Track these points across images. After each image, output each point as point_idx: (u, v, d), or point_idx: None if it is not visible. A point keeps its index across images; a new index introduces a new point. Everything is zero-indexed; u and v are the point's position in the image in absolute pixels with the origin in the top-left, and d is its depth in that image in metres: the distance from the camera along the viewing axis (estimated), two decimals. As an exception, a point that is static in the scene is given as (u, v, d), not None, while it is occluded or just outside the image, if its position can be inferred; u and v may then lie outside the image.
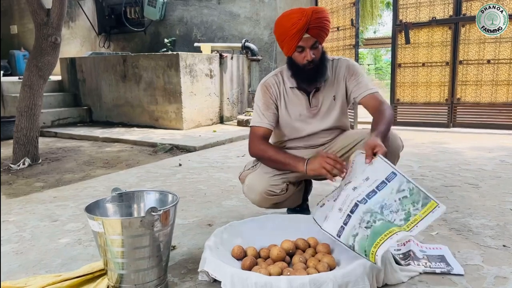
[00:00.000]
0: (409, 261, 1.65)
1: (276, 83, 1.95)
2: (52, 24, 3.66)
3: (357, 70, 1.93)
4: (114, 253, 1.39)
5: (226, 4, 7.17)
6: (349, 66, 1.93)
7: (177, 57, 5.50)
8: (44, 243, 1.98)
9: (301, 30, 1.72)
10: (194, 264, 1.68)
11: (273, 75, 1.98)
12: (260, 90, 1.96)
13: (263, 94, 1.94)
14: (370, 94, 1.87)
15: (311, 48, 1.78)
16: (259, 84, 1.99)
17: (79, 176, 3.38)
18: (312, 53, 1.78)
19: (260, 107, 1.93)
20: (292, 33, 1.75)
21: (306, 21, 1.71)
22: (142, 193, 1.66)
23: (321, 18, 1.75)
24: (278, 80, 1.95)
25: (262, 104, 1.92)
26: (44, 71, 3.75)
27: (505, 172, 3.11)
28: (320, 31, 1.77)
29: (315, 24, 1.73)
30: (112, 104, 6.32)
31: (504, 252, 1.76)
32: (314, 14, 1.73)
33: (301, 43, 1.76)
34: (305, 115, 1.94)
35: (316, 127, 1.96)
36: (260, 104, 1.93)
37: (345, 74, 1.92)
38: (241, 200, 2.58)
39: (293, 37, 1.75)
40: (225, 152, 4.25)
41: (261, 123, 1.91)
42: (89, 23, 8.87)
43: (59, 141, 5.14)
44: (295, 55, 1.82)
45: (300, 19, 1.72)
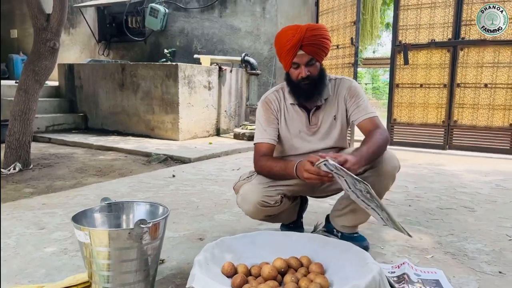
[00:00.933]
0: (403, 284, 1.61)
1: (277, 99, 1.94)
2: (51, 29, 3.65)
3: (358, 92, 1.91)
4: (99, 265, 1.34)
5: (227, 18, 7.22)
6: (351, 87, 1.92)
7: (176, 68, 5.50)
8: (29, 251, 1.92)
9: (294, 46, 1.72)
10: (183, 280, 1.63)
11: (273, 91, 1.98)
12: (262, 106, 1.95)
13: (264, 110, 1.93)
14: (368, 118, 1.86)
15: (306, 65, 1.76)
16: (260, 101, 1.98)
17: (70, 183, 3.32)
18: (307, 70, 1.77)
19: (262, 123, 1.91)
20: (286, 49, 1.75)
21: (299, 38, 1.70)
22: (132, 204, 1.61)
23: (316, 35, 1.73)
24: (279, 96, 1.95)
25: (264, 120, 1.91)
26: (41, 76, 3.72)
27: (501, 196, 3.09)
28: (316, 49, 1.75)
29: (310, 41, 1.72)
30: (109, 112, 6.29)
31: (500, 279, 1.72)
32: (308, 31, 1.72)
33: (296, 59, 1.76)
34: (304, 132, 1.93)
35: (315, 145, 1.94)
36: (262, 120, 1.92)
37: (346, 95, 1.91)
38: (234, 214, 2.53)
39: (288, 53, 1.76)
40: (220, 165, 4.21)
41: (263, 139, 1.89)
42: (90, 31, 8.89)
43: (53, 147, 5.09)
44: (291, 71, 1.82)
45: (294, 35, 1.72)
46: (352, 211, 1.86)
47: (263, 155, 1.85)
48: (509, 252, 2.01)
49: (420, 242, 2.14)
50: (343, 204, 1.91)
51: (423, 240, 2.17)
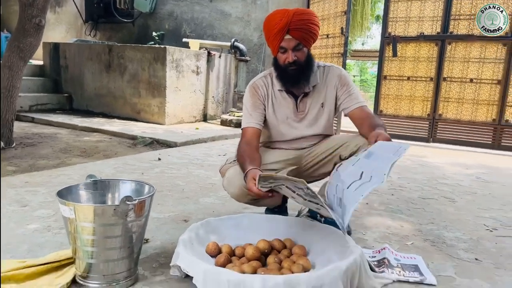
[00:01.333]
0: (383, 268, 1.65)
1: (264, 85, 1.94)
2: (37, 5, 3.56)
3: (348, 81, 1.93)
4: (84, 241, 1.34)
5: (218, 3, 7.14)
6: (341, 75, 1.93)
7: (164, 51, 5.43)
8: (12, 228, 1.91)
9: (282, 30, 1.72)
10: (167, 259, 1.64)
11: (261, 76, 1.98)
12: (249, 91, 1.95)
13: (251, 95, 1.94)
14: (359, 107, 1.88)
15: (293, 50, 1.77)
16: (247, 85, 1.98)
17: (53, 163, 3.28)
18: (294, 55, 1.77)
19: (248, 108, 1.92)
20: (274, 33, 1.75)
21: (286, 21, 1.71)
22: (117, 182, 1.61)
23: (304, 20, 1.74)
24: (267, 82, 1.95)
25: (250, 105, 1.92)
26: (25, 53, 3.64)
27: (480, 188, 3.16)
28: (303, 33, 1.75)
29: (297, 26, 1.72)
30: (94, 93, 6.20)
31: (476, 266, 1.77)
32: (296, 15, 1.72)
33: (283, 44, 1.76)
34: (291, 119, 1.94)
35: (302, 132, 1.95)
36: (248, 105, 1.93)
37: (336, 83, 1.92)
38: (219, 198, 2.54)
39: (275, 37, 1.76)
40: (206, 150, 4.21)
41: (249, 123, 1.90)
42: (76, 10, 8.70)
43: (36, 127, 5.00)
44: (278, 56, 1.83)
45: (281, 19, 1.72)
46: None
47: (246, 141, 1.85)
48: (486, 241, 2.06)
49: (401, 229, 2.18)
50: (327, 189, 1.93)
51: (404, 227, 2.21)
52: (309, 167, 1.97)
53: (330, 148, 1.91)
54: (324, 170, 1.96)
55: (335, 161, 1.91)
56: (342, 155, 1.87)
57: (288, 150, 1.99)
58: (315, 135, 1.98)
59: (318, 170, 1.97)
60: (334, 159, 1.90)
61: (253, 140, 1.86)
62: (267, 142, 2.05)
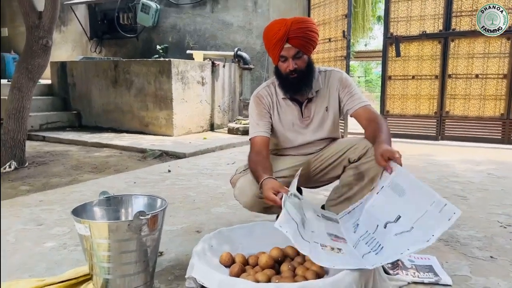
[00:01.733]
0: (398, 270, 1.65)
1: (268, 94, 1.97)
2: (43, 27, 3.64)
3: (350, 83, 1.95)
4: (100, 257, 1.37)
5: (219, 13, 7.21)
6: (342, 78, 1.96)
7: (169, 64, 5.50)
8: (29, 247, 1.94)
9: (281, 40, 1.75)
10: (181, 271, 1.66)
11: (265, 86, 2.00)
12: (253, 101, 1.97)
13: (256, 105, 1.96)
14: (363, 107, 1.89)
15: (293, 58, 1.79)
16: (251, 96, 2.01)
17: (66, 180, 3.33)
18: (294, 63, 1.80)
19: (255, 117, 1.94)
20: (273, 43, 1.78)
21: (285, 31, 1.74)
22: (130, 197, 1.64)
23: (302, 28, 1.76)
24: (270, 91, 1.97)
25: (256, 115, 1.94)
26: (34, 74, 3.71)
27: (492, 185, 3.14)
28: (302, 41, 1.78)
29: (296, 34, 1.75)
30: (102, 109, 6.28)
31: (491, 263, 1.77)
32: (294, 24, 1.75)
33: (283, 52, 1.79)
34: (297, 125, 1.96)
35: (309, 137, 1.98)
36: (254, 115, 1.95)
37: (338, 86, 1.94)
38: (230, 207, 2.56)
39: (275, 47, 1.79)
40: (215, 159, 4.24)
41: (257, 133, 1.91)
42: (81, 28, 8.84)
43: (47, 145, 5.08)
44: (279, 64, 1.85)
45: (280, 29, 1.75)
46: (347, 199, 1.90)
47: (257, 151, 1.86)
48: (500, 238, 2.06)
49: (413, 230, 2.18)
50: (338, 193, 1.94)
51: (417, 228, 2.21)
52: (318, 172, 1.99)
53: (339, 152, 1.92)
54: (333, 174, 1.97)
55: (344, 165, 1.92)
56: (350, 158, 1.88)
57: (297, 156, 2.00)
58: (321, 139, 2.00)
59: (327, 174, 1.98)
60: (343, 162, 1.92)
61: (263, 149, 1.87)
62: (274, 150, 2.07)
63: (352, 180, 1.87)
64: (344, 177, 1.92)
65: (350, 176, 1.88)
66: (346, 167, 1.92)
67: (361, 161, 1.84)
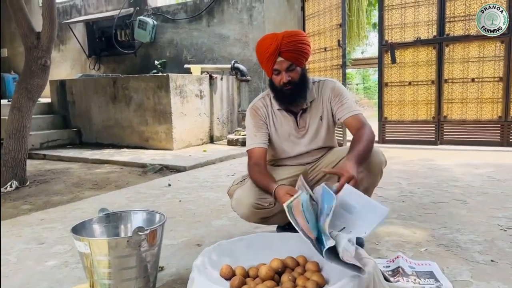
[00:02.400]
0: (398, 277, 1.65)
1: (264, 106, 2.00)
2: (42, 47, 3.69)
3: (341, 92, 1.97)
4: (100, 274, 1.37)
5: (215, 27, 7.29)
6: (334, 87, 1.98)
7: (167, 79, 5.54)
8: (30, 266, 1.95)
9: (273, 54, 1.79)
10: (183, 285, 1.66)
11: (260, 98, 2.03)
12: (250, 113, 2.00)
13: (252, 116, 1.98)
14: (352, 116, 1.91)
15: (286, 71, 1.82)
16: (247, 109, 2.03)
17: (67, 198, 3.35)
18: (288, 76, 1.82)
19: (252, 129, 1.96)
20: (266, 58, 1.82)
21: (276, 45, 1.77)
22: (129, 213, 1.65)
23: (293, 41, 1.79)
24: (266, 103, 2.00)
25: (253, 126, 1.96)
26: (34, 94, 3.75)
27: (492, 188, 3.15)
28: (294, 54, 1.80)
29: (287, 48, 1.78)
30: (102, 126, 6.31)
31: (492, 267, 1.77)
32: (285, 38, 1.78)
33: (276, 66, 1.82)
34: (293, 136, 1.98)
35: (305, 147, 2.00)
36: (251, 126, 1.97)
37: (330, 95, 1.97)
38: (231, 219, 2.57)
39: (268, 61, 1.82)
40: (215, 171, 4.25)
41: (254, 144, 1.93)
42: (80, 46, 8.93)
43: (48, 163, 5.10)
44: (273, 77, 1.88)
45: (271, 44, 1.78)
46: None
47: (255, 162, 1.88)
48: (501, 241, 2.05)
49: (414, 236, 2.18)
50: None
51: (417, 234, 2.21)
52: (314, 182, 2.00)
53: (333, 162, 1.94)
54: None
55: None
56: None
57: (294, 166, 2.02)
58: (317, 148, 2.02)
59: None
60: None
61: (261, 160, 1.90)
62: (272, 161, 2.09)
63: None
64: None
65: None
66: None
67: None
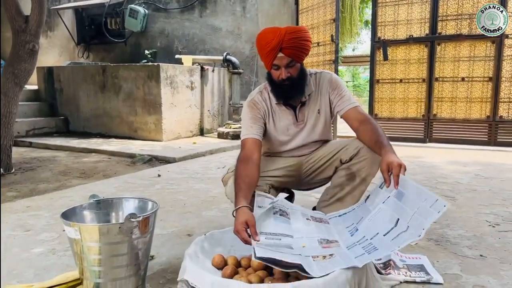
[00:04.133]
0: (390, 270, 1.65)
1: (263, 100, 1.95)
2: (30, 31, 3.60)
3: (339, 84, 1.95)
4: (90, 261, 1.34)
5: (208, 18, 7.22)
6: (332, 79, 1.96)
7: (158, 68, 5.48)
8: (16, 253, 1.91)
9: (274, 49, 1.74)
10: (173, 274, 1.64)
11: (258, 92, 1.98)
12: (248, 106, 1.95)
13: (250, 109, 1.93)
14: (352, 108, 1.90)
15: (286, 67, 1.78)
16: (246, 102, 1.98)
17: (54, 186, 3.29)
18: (287, 72, 1.79)
19: (248, 121, 1.91)
20: (266, 52, 1.77)
21: (278, 41, 1.72)
22: (120, 200, 1.62)
23: (296, 38, 1.75)
24: (264, 97, 1.96)
25: (250, 118, 1.91)
26: (21, 79, 3.67)
27: (480, 185, 3.19)
28: (295, 51, 1.77)
29: (289, 44, 1.74)
30: (90, 115, 6.22)
31: (481, 262, 1.78)
32: (287, 34, 1.73)
33: (276, 61, 1.78)
34: (292, 129, 1.96)
35: (302, 141, 1.98)
36: (247, 118, 1.92)
37: (328, 88, 1.95)
38: (221, 210, 2.55)
39: (268, 56, 1.78)
40: (205, 163, 4.22)
41: (249, 135, 1.87)
42: (68, 33, 8.76)
43: (34, 151, 5.01)
44: (272, 72, 1.84)
45: (273, 39, 1.73)
46: (339, 199, 1.90)
47: (245, 156, 1.79)
48: (489, 237, 2.08)
49: (404, 230, 2.19)
50: (330, 194, 1.95)
51: (407, 228, 2.22)
52: (309, 173, 1.99)
53: (330, 153, 1.93)
54: (325, 175, 1.98)
55: (335, 165, 1.93)
56: (342, 159, 1.89)
57: (289, 158, 2.01)
58: (314, 141, 2.00)
59: (319, 175, 1.99)
60: (335, 163, 1.93)
61: (254, 151, 1.81)
62: (267, 152, 2.06)
63: (344, 180, 1.88)
64: (336, 178, 1.93)
65: (341, 177, 1.89)
66: (337, 168, 1.93)
67: (352, 161, 1.85)
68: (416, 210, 1.40)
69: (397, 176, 1.52)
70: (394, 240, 1.39)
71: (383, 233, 1.44)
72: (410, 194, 1.48)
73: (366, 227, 1.53)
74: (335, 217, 1.71)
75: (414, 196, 1.46)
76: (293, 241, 1.50)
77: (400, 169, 1.53)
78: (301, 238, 1.52)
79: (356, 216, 1.64)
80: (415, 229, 1.36)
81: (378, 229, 1.47)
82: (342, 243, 1.52)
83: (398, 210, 1.47)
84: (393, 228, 1.43)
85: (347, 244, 1.49)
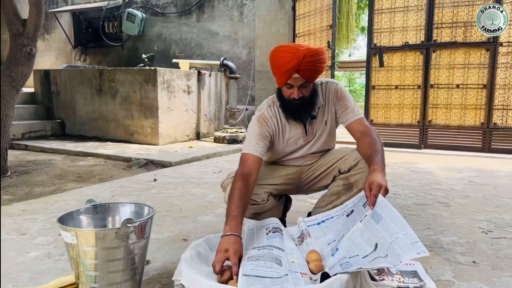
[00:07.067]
0: (384, 276, 1.67)
1: (274, 115, 1.92)
2: (27, 35, 3.61)
3: (344, 95, 1.95)
4: (86, 265, 1.35)
5: (205, 23, 7.25)
6: (337, 90, 1.95)
7: (155, 72, 5.49)
8: (12, 257, 1.91)
9: (291, 70, 1.71)
10: (169, 279, 1.65)
11: (267, 107, 1.95)
12: (257, 121, 1.91)
13: (260, 125, 1.90)
14: (356, 120, 1.91)
15: (299, 87, 1.76)
16: (255, 117, 1.94)
17: (50, 189, 3.28)
18: (299, 92, 1.77)
19: (255, 136, 1.87)
20: (282, 71, 1.74)
21: (297, 63, 1.69)
22: (117, 205, 1.63)
23: (314, 61, 1.72)
24: (274, 112, 1.93)
25: (258, 135, 1.87)
26: (17, 82, 3.67)
27: (473, 192, 3.21)
28: (311, 73, 1.75)
29: (307, 67, 1.71)
30: (87, 118, 6.22)
31: (474, 268, 1.80)
32: (307, 57, 1.69)
33: (290, 81, 1.75)
34: (300, 143, 1.96)
35: (306, 151, 1.99)
36: (255, 134, 1.87)
37: (334, 98, 1.94)
38: (218, 215, 2.56)
39: (283, 75, 1.74)
40: (201, 168, 4.23)
41: (253, 151, 1.83)
42: (65, 36, 8.77)
43: (30, 154, 5.00)
44: (284, 89, 1.82)
45: (292, 60, 1.69)
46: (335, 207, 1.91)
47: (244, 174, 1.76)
48: (482, 243, 2.10)
49: (398, 236, 2.21)
50: (326, 201, 1.96)
51: (401, 234, 2.24)
52: (308, 181, 2.01)
53: (329, 162, 1.95)
54: (323, 183, 2.00)
55: (334, 174, 1.94)
56: (341, 169, 1.91)
57: (290, 167, 2.02)
58: (318, 151, 2.01)
59: (317, 183, 2.01)
60: (333, 172, 1.94)
61: (254, 170, 1.78)
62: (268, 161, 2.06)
63: (341, 189, 1.89)
64: (333, 186, 1.94)
65: (339, 186, 1.91)
66: (336, 177, 1.94)
67: (351, 172, 1.87)
68: (394, 240, 1.40)
69: (375, 197, 1.52)
70: (371, 262, 1.40)
71: (362, 256, 1.45)
72: (389, 220, 1.47)
73: (347, 247, 1.53)
74: (313, 225, 1.72)
75: (394, 224, 1.45)
76: (283, 254, 1.52)
77: (378, 190, 1.52)
78: (291, 254, 1.54)
79: (337, 230, 1.64)
80: (392, 259, 1.37)
81: (358, 251, 1.48)
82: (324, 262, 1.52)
83: (376, 233, 1.47)
84: (371, 252, 1.45)
85: (329, 266, 1.50)
